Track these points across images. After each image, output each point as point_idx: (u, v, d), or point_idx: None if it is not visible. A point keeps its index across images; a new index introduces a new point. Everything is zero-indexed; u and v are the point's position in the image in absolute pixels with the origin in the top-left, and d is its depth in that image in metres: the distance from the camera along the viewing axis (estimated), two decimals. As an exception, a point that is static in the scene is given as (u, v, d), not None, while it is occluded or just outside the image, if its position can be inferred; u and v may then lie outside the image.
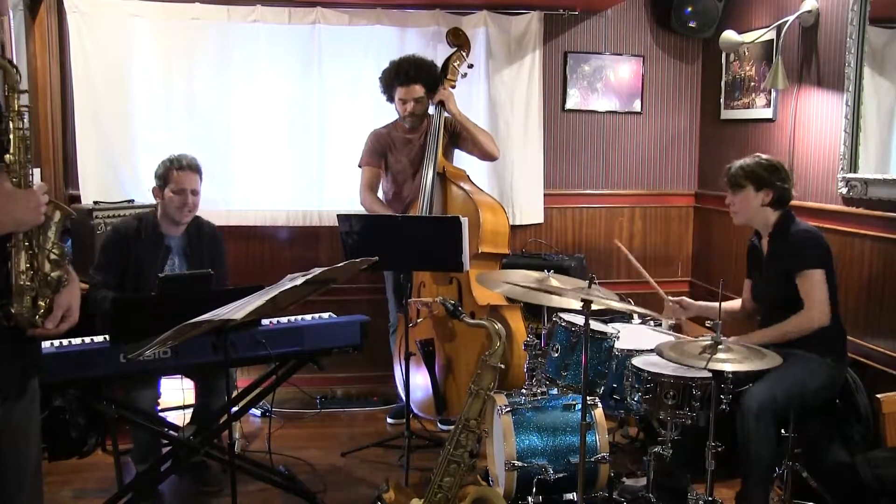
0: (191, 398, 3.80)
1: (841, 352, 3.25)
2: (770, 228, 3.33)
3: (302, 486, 3.59)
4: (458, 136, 4.40)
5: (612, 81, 5.23)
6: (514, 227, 4.85)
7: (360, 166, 4.46)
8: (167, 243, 3.67)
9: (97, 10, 4.58)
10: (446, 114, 4.29)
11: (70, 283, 2.11)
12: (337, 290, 4.31)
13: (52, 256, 2.04)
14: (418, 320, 4.17)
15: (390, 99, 4.39)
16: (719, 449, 2.87)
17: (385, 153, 4.43)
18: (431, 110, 4.36)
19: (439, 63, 4.42)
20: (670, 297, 3.70)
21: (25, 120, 1.99)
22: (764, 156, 3.37)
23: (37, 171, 2.29)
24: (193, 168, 3.68)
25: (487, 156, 4.43)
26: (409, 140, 4.40)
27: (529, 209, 5.17)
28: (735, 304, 3.67)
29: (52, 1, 4.56)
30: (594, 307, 2.86)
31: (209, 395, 3.65)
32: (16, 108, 1.98)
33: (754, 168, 3.29)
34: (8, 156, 1.96)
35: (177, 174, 3.61)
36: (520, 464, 3.18)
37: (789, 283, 3.20)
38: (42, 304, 2.02)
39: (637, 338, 3.55)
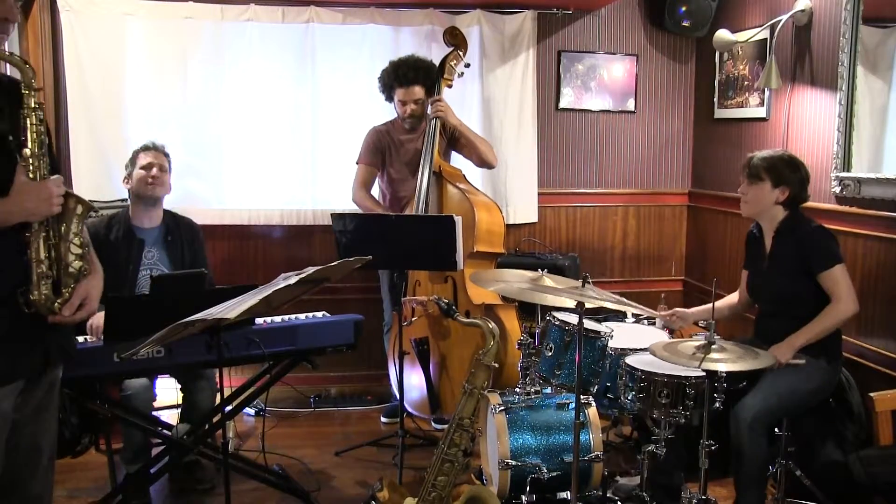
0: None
1: (835, 353, 3.23)
2: (776, 225, 3.28)
3: (296, 485, 3.58)
4: (457, 140, 4.40)
5: (605, 80, 5.24)
6: (507, 227, 4.84)
7: (357, 163, 4.46)
8: (139, 237, 3.69)
9: (90, 8, 4.56)
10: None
11: (92, 274, 2.21)
12: (331, 289, 4.30)
13: (74, 247, 2.14)
14: (413, 319, 4.17)
15: (389, 99, 4.39)
16: (713, 447, 2.87)
17: (384, 152, 4.42)
18: (429, 111, 4.36)
19: (436, 62, 4.41)
20: (663, 313, 3.66)
21: (41, 116, 2.10)
22: (787, 151, 3.34)
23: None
24: (159, 149, 3.77)
25: (485, 164, 4.48)
26: (409, 140, 4.40)
27: (523, 208, 5.17)
28: (732, 298, 3.63)
29: (45, -1, 4.55)
30: (588, 306, 2.86)
31: (195, 394, 3.64)
32: (32, 105, 2.08)
33: (776, 162, 3.22)
34: (26, 150, 2.07)
35: (142, 154, 3.71)
36: (513, 463, 3.18)
37: (798, 280, 3.16)
38: (65, 292, 2.12)
39: (631, 336, 3.55)
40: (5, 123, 2.08)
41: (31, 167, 2.07)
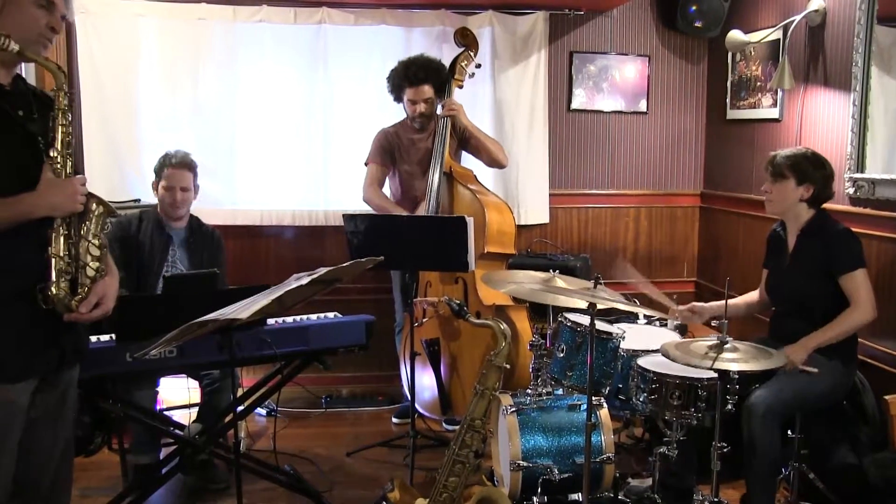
0: (196, 397, 3.80)
1: (850, 355, 3.22)
2: (801, 225, 3.26)
3: (307, 485, 3.59)
4: (467, 141, 4.40)
5: (617, 81, 5.23)
6: (519, 227, 4.84)
7: (366, 164, 4.46)
8: (169, 232, 3.77)
9: (104, 10, 4.59)
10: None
11: (108, 275, 2.26)
12: (343, 290, 4.30)
13: (92, 248, 2.19)
14: (424, 320, 4.17)
15: (398, 99, 4.39)
16: (725, 449, 2.86)
17: (393, 152, 4.42)
18: (440, 110, 4.36)
19: (447, 63, 4.42)
20: (679, 307, 3.64)
21: (69, 117, 2.19)
22: (810, 149, 3.32)
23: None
24: (185, 165, 3.76)
25: (495, 164, 4.47)
26: (418, 140, 4.40)
27: (535, 209, 5.17)
28: (751, 296, 3.61)
29: (60, 1, 4.57)
30: (599, 307, 2.85)
31: (214, 395, 3.67)
32: (62, 107, 2.18)
33: (800, 160, 3.21)
34: (53, 149, 2.16)
35: (168, 171, 3.71)
36: (525, 464, 3.17)
37: (819, 281, 3.15)
38: (81, 291, 2.16)
39: (642, 338, 3.54)
40: (36, 125, 2.18)
41: (57, 165, 2.15)
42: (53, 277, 2.12)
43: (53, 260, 2.12)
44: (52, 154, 2.15)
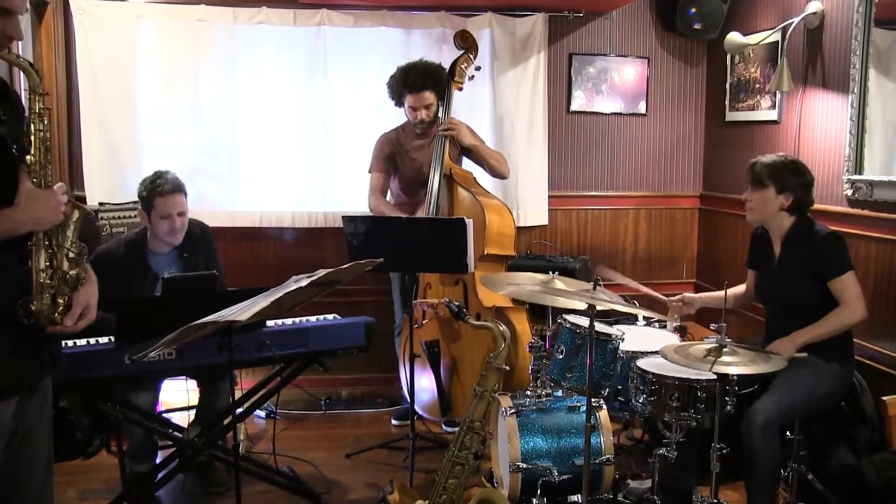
0: (195, 399, 3.80)
1: (847, 356, 3.22)
2: (785, 232, 3.26)
3: (306, 487, 3.59)
4: (469, 152, 4.39)
5: (616, 83, 5.23)
6: (518, 229, 4.83)
7: (369, 172, 4.46)
8: (155, 271, 3.60)
9: (103, 11, 4.59)
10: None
11: (88, 282, 2.15)
12: (342, 292, 4.29)
13: (71, 255, 2.09)
14: (424, 321, 4.17)
15: (399, 104, 4.37)
16: (724, 451, 2.87)
17: (394, 157, 4.42)
18: (441, 112, 4.35)
19: (446, 65, 4.41)
20: (671, 298, 3.65)
21: (46, 122, 2.04)
22: (790, 156, 3.32)
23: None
24: (177, 189, 3.57)
25: (497, 176, 4.48)
26: (420, 145, 4.39)
27: (534, 211, 5.17)
28: (739, 289, 3.60)
29: (59, 2, 4.58)
30: (599, 309, 2.85)
31: (213, 396, 3.66)
32: (36, 110, 2.03)
33: (780, 169, 3.20)
34: (29, 157, 2.02)
35: (160, 200, 3.51)
36: (524, 465, 3.18)
37: (810, 286, 3.15)
38: (61, 301, 2.06)
39: (642, 339, 3.54)
40: (5, 128, 2.01)
41: (36, 174, 2.02)
42: (35, 291, 2.00)
43: (35, 274, 2.00)
44: (28, 160, 2.00)
